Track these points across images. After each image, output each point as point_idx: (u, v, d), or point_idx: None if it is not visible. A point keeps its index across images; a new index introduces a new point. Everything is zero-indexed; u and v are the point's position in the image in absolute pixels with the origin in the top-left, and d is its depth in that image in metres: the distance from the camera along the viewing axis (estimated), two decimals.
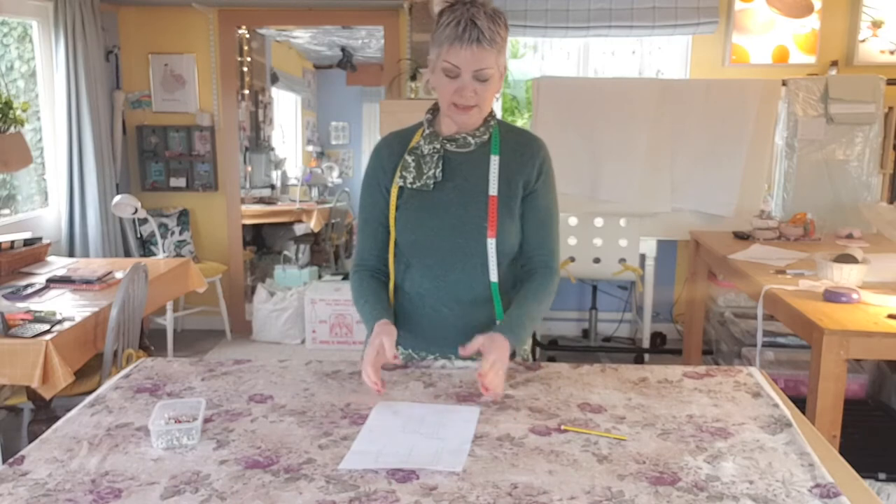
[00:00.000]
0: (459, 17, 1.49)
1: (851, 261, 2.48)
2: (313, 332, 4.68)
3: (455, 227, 1.63)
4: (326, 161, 8.30)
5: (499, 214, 1.62)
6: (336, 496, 1.12)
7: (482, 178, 1.63)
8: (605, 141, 4.07)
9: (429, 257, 1.66)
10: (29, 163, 3.49)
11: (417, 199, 1.64)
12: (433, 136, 1.64)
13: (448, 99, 1.55)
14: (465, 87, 1.52)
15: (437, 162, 1.62)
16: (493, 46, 1.50)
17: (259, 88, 6.78)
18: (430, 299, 1.68)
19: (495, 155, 1.64)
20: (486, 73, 1.52)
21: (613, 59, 4.84)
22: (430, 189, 1.62)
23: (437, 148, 1.63)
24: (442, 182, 1.62)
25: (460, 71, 1.51)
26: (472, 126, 1.62)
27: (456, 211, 1.63)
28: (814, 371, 2.12)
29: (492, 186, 1.63)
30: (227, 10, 4.67)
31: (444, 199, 1.63)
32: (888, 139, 4.14)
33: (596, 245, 4.11)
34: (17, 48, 4.12)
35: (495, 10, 1.52)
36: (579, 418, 1.40)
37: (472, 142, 1.63)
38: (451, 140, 1.63)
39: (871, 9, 4.31)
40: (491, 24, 1.49)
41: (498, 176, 1.63)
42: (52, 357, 2.34)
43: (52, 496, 1.13)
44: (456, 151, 1.64)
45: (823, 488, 1.13)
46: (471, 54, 1.49)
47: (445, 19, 1.51)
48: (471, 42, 1.48)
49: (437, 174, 1.62)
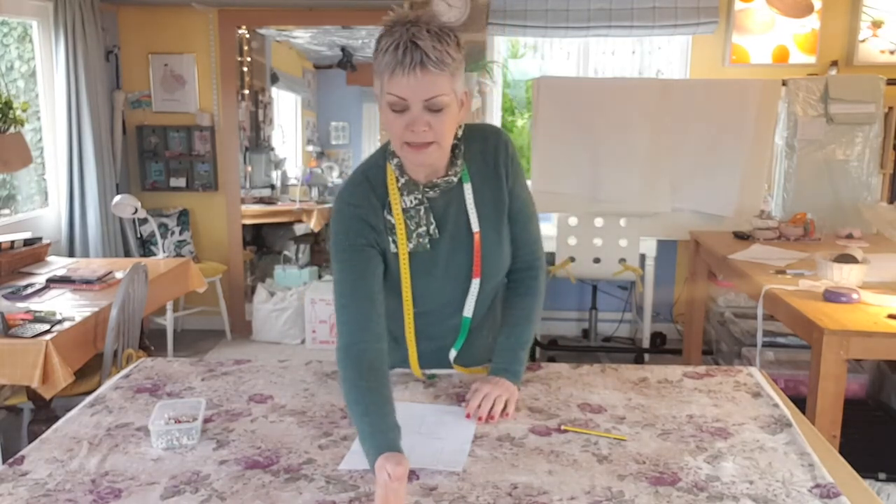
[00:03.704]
0: (398, 39, 1.26)
1: (851, 261, 2.48)
2: (313, 332, 4.68)
3: (452, 279, 1.49)
4: (326, 161, 8.29)
5: (485, 249, 1.47)
6: (336, 496, 1.12)
7: (467, 215, 1.47)
8: (605, 141, 4.07)
9: (419, 315, 1.52)
10: (29, 163, 3.49)
11: (413, 263, 1.46)
12: (411, 186, 1.42)
13: (399, 137, 1.32)
14: (417, 121, 1.29)
15: (427, 216, 1.43)
16: (442, 69, 1.27)
17: (259, 88, 6.78)
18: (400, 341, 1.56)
19: (467, 183, 1.46)
20: (438, 101, 1.29)
21: (613, 59, 4.83)
22: (426, 249, 1.44)
23: (419, 198, 1.42)
24: (437, 236, 1.45)
25: (408, 102, 1.29)
26: (437, 165, 1.41)
27: (454, 259, 1.48)
28: (814, 371, 2.12)
29: (473, 222, 1.46)
30: (227, 10, 4.67)
31: (441, 253, 1.47)
32: (888, 139, 4.14)
33: (596, 245, 4.11)
34: (17, 48, 4.12)
35: (442, 27, 1.30)
36: (579, 418, 1.40)
37: (454, 181, 1.44)
38: (433, 187, 1.42)
39: (871, 9, 4.31)
40: (437, 44, 1.26)
41: (477, 205, 1.46)
42: (52, 357, 2.34)
43: (52, 496, 1.13)
44: (435, 198, 1.44)
45: (823, 488, 1.13)
46: (416, 81, 1.26)
47: (384, 44, 1.28)
48: (413, 67, 1.25)
49: (431, 231, 1.43)
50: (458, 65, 1.32)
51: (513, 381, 1.46)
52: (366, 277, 1.40)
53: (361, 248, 1.41)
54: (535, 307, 1.57)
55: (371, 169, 1.47)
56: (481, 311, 1.56)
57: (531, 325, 1.56)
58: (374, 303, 1.39)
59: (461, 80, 1.35)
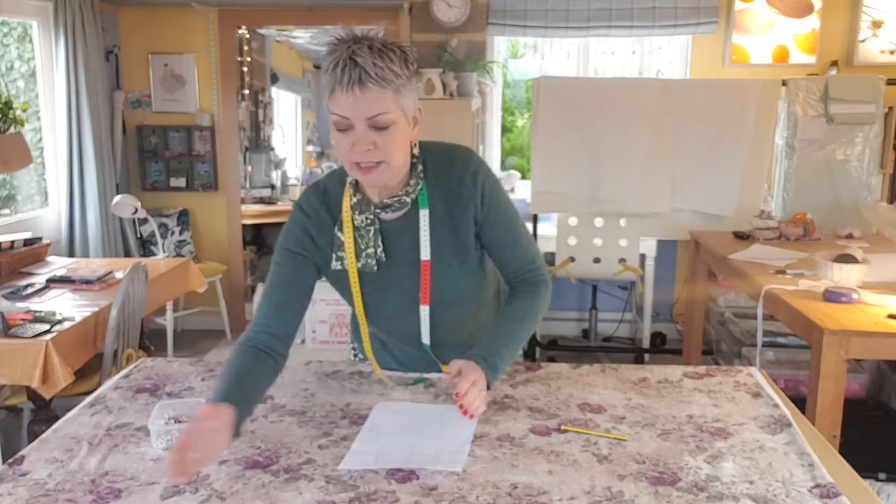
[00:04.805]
0: (338, 57, 1.25)
1: (851, 261, 2.48)
2: (313, 332, 4.67)
3: (406, 302, 1.49)
4: (326, 161, 8.28)
5: (439, 277, 1.46)
6: (336, 496, 1.12)
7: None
8: (605, 141, 4.07)
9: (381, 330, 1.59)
10: (29, 163, 3.49)
11: (365, 282, 1.48)
12: (363, 205, 1.42)
13: (346, 157, 1.31)
14: (361, 140, 1.28)
15: (375, 238, 1.43)
16: (383, 86, 1.25)
17: (259, 88, 6.78)
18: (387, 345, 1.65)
19: (424, 209, 1.43)
20: (382, 119, 1.27)
21: (613, 59, 4.83)
22: (373, 270, 1.45)
23: (370, 219, 1.42)
24: (385, 260, 1.45)
25: (350, 121, 1.27)
26: (390, 185, 1.38)
27: (404, 284, 1.48)
28: (814, 371, 2.12)
29: (423, 251, 1.44)
30: (227, 10, 4.67)
31: (393, 277, 1.47)
32: (888, 139, 4.14)
33: (596, 245, 4.11)
34: (17, 48, 4.12)
35: (386, 43, 1.28)
36: (579, 418, 1.40)
37: (407, 201, 1.41)
38: (384, 207, 1.41)
39: (871, 9, 4.31)
40: (377, 60, 1.24)
41: (435, 231, 1.44)
42: (52, 357, 2.34)
43: (52, 496, 1.13)
44: (391, 220, 1.44)
45: (823, 488, 1.13)
46: (355, 99, 1.24)
47: (326, 63, 1.27)
48: (352, 85, 1.24)
49: (378, 253, 1.43)
50: (405, 81, 1.29)
51: (488, 371, 1.35)
52: (289, 285, 1.46)
53: (293, 256, 1.46)
54: (529, 310, 1.49)
55: (333, 180, 1.48)
56: (454, 338, 1.55)
57: (522, 326, 1.47)
58: (287, 309, 1.45)
59: (411, 97, 1.32)
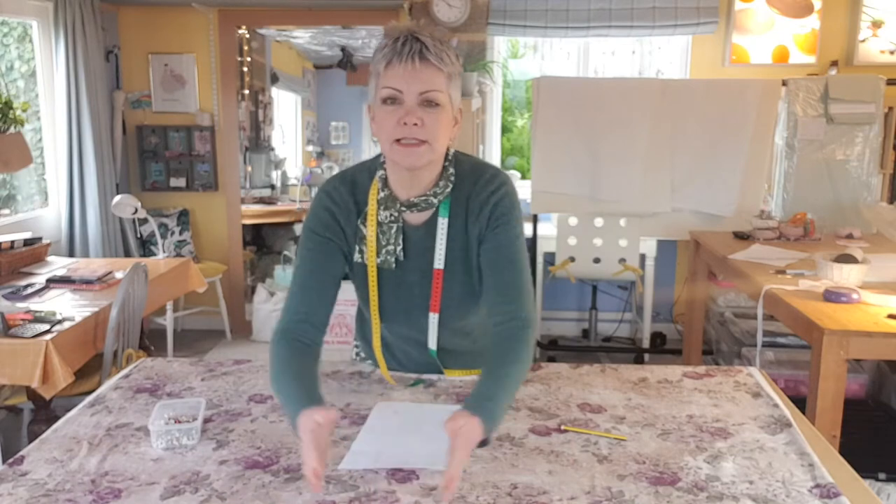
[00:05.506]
0: (399, 34, 1.28)
1: (851, 261, 2.48)
2: None
3: (418, 307, 1.49)
4: (326, 161, 8.29)
5: (449, 287, 1.45)
6: (336, 496, 1.12)
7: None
8: (605, 141, 4.07)
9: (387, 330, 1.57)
10: (29, 163, 3.49)
11: (382, 278, 1.47)
12: (390, 201, 1.41)
13: (390, 134, 1.29)
14: (410, 114, 1.27)
15: (397, 237, 1.42)
16: (440, 65, 1.27)
17: (259, 88, 6.78)
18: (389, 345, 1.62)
19: (444, 218, 1.42)
20: (434, 95, 1.27)
21: (613, 59, 4.83)
22: (391, 268, 1.44)
23: (394, 216, 1.41)
24: (403, 260, 1.44)
25: (402, 94, 1.27)
26: (424, 177, 1.37)
27: (421, 290, 1.48)
28: (814, 371, 2.12)
29: (437, 260, 1.44)
30: (227, 10, 4.67)
31: (410, 279, 1.47)
32: (888, 139, 4.14)
33: (596, 245, 4.11)
34: (17, 48, 4.12)
35: (443, 37, 1.31)
36: (579, 418, 1.40)
37: (434, 202, 1.40)
38: (410, 206, 1.40)
39: (871, 9, 4.31)
40: (437, 43, 1.28)
41: (448, 242, 1.43)
42: (52, 357, 2.34)
43: (52, 496, 1.13)
44: (413, 224, 1.43)
45: (823, 488, 1.13)
46: (413, 71, 1.25)
47: (383, 43, 1.29)
48: (413, 55, 1.25)
49: (398, 252, 1.42)
50: (456, 70, 1.32)
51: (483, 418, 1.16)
52: (321, 270, 1.43)
53: (324, 241, 1.43)
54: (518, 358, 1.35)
55: (362, 172, 1.46)
56: (458, 345, 1.56)
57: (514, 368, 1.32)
58: (321, 295, 1.41)
59: (457, 91, 1.34)
